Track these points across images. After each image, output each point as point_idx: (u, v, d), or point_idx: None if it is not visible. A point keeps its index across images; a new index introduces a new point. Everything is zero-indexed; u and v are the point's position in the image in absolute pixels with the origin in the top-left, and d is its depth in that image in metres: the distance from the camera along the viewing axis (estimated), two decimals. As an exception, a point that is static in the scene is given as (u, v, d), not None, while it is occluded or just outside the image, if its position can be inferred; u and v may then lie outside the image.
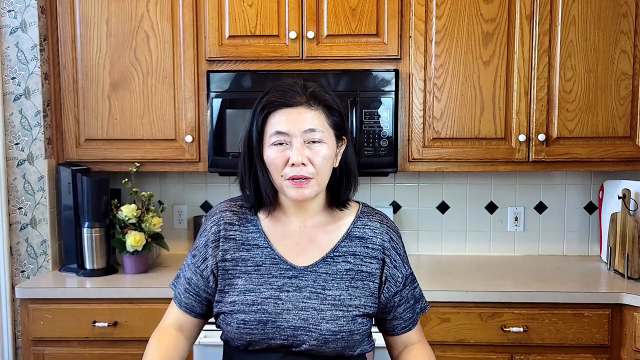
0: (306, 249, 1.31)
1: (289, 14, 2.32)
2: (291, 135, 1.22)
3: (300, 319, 1.25)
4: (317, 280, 1.28)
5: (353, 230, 1.32)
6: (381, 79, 2.29)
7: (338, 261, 1.29)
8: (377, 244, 1.32)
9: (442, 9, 2.31)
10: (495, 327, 2.10)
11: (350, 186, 1.33)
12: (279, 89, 1.25)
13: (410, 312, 1.37)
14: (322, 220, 1.33)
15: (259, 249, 1.31)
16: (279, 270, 1.29)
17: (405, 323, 1.36)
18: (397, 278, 1.33)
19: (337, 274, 1.28)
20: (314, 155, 1.23)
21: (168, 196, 2.77)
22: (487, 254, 2.74)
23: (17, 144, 2.38)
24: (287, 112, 1.23)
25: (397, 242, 1.35)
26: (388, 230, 1.34)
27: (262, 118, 1.25)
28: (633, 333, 2.06)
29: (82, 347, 2.19)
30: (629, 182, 2.37)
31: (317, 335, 1.24)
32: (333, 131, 1.27)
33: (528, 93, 2.33)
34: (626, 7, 2.28)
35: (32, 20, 2.34)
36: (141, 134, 2.40)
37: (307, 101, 1.24)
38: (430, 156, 2.37)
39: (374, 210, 1.38)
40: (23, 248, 2.41)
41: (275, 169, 1.24)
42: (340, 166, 1.32)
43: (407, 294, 1.36)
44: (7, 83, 2.36)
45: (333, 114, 1.27)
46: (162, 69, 2.37)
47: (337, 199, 1.33)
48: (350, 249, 1.30)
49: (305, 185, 1.23)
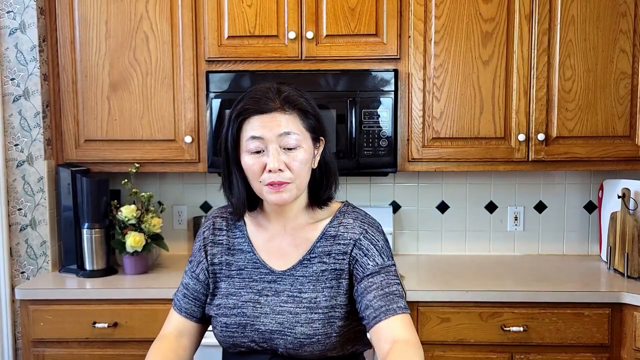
0: (287, 252, 1.32)
1: (288, 14, 2.32)
2: (267, 141, 1.22)
3: (276, 322, 1.26)
4: (294, 284, 1.28)
5: (328, 229, 1.31)
6: (380, 79, 2.29)
7: (314, 262, 1.29)
8: (348, 239, 1.29)
9: (441, 9, 2.31)
10: (495, 327, 2.10)
11: (330, 186, 1.33)
12: (252, 96, 1.25)
13: (382, 301, 1.21)
14: (303, 222, 1.33)
15: (242, 253, 1.34)
16: (260, 275, 1.31)
17: (376, 312, 1.20)
18: (366, 265, 1.26)
19: (313, 276, 1.28)
20: (290, 161, 1.23)
21: (168, 197, 2.77)
22: (486, 254, 2.74)
23: (16, 145, 2.38)
24: (261, 118, 1.22)
25: (375, 234, 1.30)
26: (362, 225, 1.31)
27: (237, 125, 1.24)
28: (633, 332, 2.06)
29: (82, 348, 2.19)
30: (629, 182, 2.37)
31: (291, 339, 1.24)
32: (309, 134, 1.26)
33: (527, 92, 2.33)
34: (625, 7, 2.28)
35: (31, 22, 2.34)
36: (140, 134, 2.40)
37: (282, 106, 1.23)
38: (430, 156, 2.37)
39: (355, 209, 1.36)
40: (23, 249, 2.41)
41: (253, 175, 1.25)
42: (320, 167, 1.32)
43: (381, 281, 1.24)
44: (6, 84, 2.36)
45: (308, 117, 1.26)
46: (162, 69, 2.37)
47: (318, 199, 1.33)
48: (326, 249, 1.29)
49: (283, 189, 1.23)
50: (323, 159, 1.32)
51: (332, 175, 1.33)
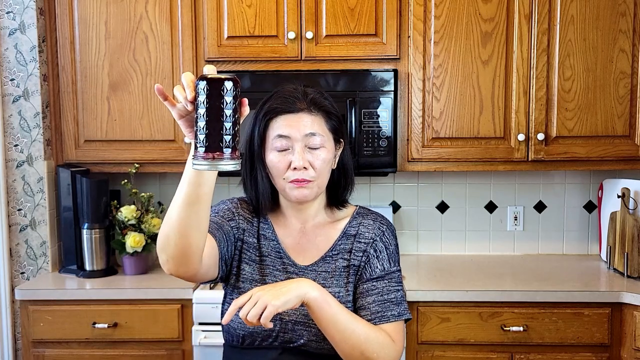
0: (306, 249, 1.35)
1: (288, 15, 2.32)
2: (293, 140, 1.26)
3: (301, 314, 1.28)
4: (317, 279, 1.31)
5: (349, 229, 1.36)
6: (380, 79, 2.29)
7: (336, 259, 1.33)
8: (368, 238, 1.34)
9: (441, 9, 2.31)
10: (495, 327, 2.10)
11: (347, 187, 1.38)
12: (280, 96, 1.30)
13: (380, 307, 1.27)
14: (321, 222, 1.38)
15: (266, 240, 1.36)
16: (283, 265, 1.33)
17: (372, 316, 1.26)
18: (374, 268, 1.31)
19: (336, 272, 1.32)
20: (314, 159, 1.27)
21: (167, 197, 2.76)
22: (486, 254, 2.74)
23: (16, 145, 2.38)
24: (288, 118, 1.27)
25: (389, 239, 1.36)
26: (381, 226, 1.36)
27: (265, 123, 1.29)
28: (633, 332, 2.06)
29: (82, 348, 2.19)
30: (628, 181, 2.37)
31: (316, 331, 1.26)
32: (332, 135, 1.32)
33: (527, 92, 2.33)
34: (624, 6, 2.28)
35: (30, 22, 2.34)
36: (140, 135, 2.40)
37: (308, 107, 1.28)
38: (430, 156, 2.37)
39: (371, 212, 1.42)
40: (23, 250, 2.41)
41: (277, 173, 1.28)
42: (338, 168, 1.36)
43: (383, 287, 1.29)
44: (5, 85, 2.36)
45: (332, 118, 1.32)
46: (161, 69, 2.37)
47: (336, 199, 1.38)
48: (346, 247, 1.34)
49: (306, 186, 1.27)
50: (342, 160, 1.37)
51: (350, 177, 1.38)
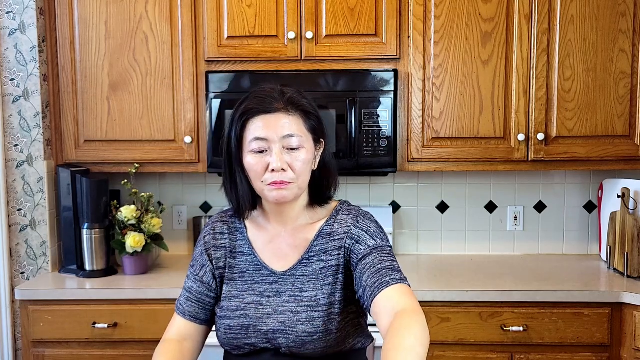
0: (287, 253, 1.34)
1: (288, 15, 2.32)
2: (270, 141, 1.24)
3: (278, 322, 1.27)
4: (295, 284, 1.30)
5: (325, 228, 1.33)
6: (380, 79, 2.29)
7: (313, 261, 1.31)
8: (342, 233, 1.31)
9: (441, 9, 2.31)
10: (495, 327, 2.10)
11: (330, 186, 1.36)
12: (257, 96, 1.27)
13: (376, 277, 1.20)
14: (303, 223, 1.35)
15: (244, 256, 1.35)
16: (261, 277, 1.32)
17: (371, 289, 1.19)
18: (359, 250, 1.27)
19: (313, 274, 1.30)
20: (293, 161, 1.25)
21: (167, 197, 2.77)
22: (486, 254, 2.74)
23: (16, 145, 2.38)
24: (265, 119, 1.24)
25: (365, 222, 1.32)
26: (354, 217, 1.33)
27: (241, 125, 1.26)
28: (633, 332, 2.06)
29: (82, 348, 2.19)
30: (628, 181, 2.37)
31: (294, 338, 1.26)
32: (311, 135, 1.29)
33: (527, 92, 2.33)
34: (624, 6, 2.28)
35: (30, 22, 2.34)
36: (140, 135, 2.40)
37: (285, 107, 1.25)
38: (430, 156, 2.37)
39: (350, 206, 1.38)
40: (23, 250, 2.41)
41: (255, 175, 1.26)
42: (320, 168, 1.34)
43: (372, 260, 1.24)
44: (5, 85, 2.36)
45: (310, 118, 1.29)
46: (161, 70, 2.37)
47: (318, 199, 1.36)
48: (323, 247, 1.31)
49: (285, 187, 1.25)
50: (323, 160, 1.35)
51: (332, 176, 1.36)
